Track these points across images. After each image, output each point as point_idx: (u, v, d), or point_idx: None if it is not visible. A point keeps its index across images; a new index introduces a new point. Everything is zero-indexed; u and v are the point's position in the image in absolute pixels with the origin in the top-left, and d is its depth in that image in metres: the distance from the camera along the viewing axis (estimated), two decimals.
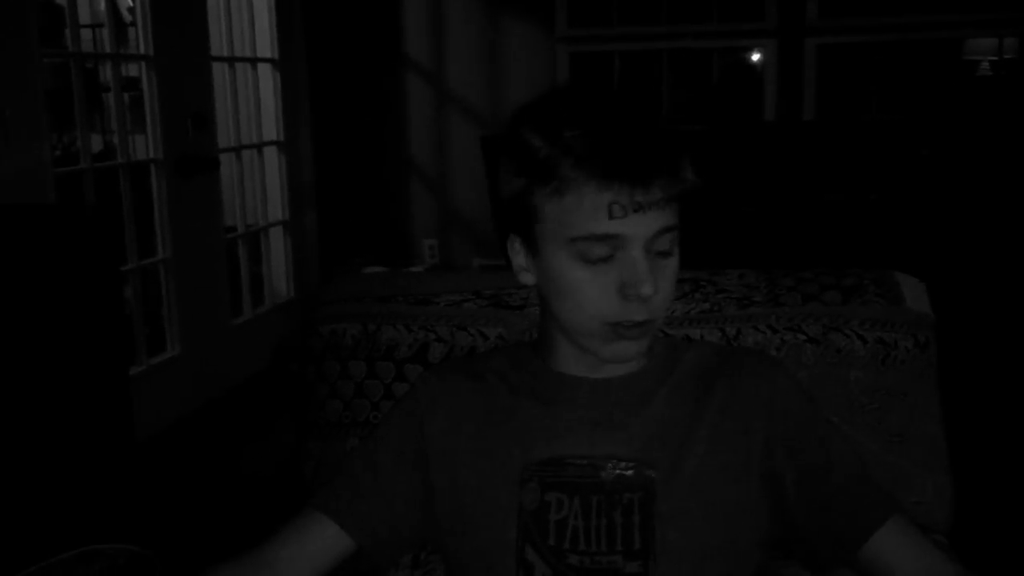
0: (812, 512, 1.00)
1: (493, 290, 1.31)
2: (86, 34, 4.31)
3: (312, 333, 1.32)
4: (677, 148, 0.95)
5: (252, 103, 4.21)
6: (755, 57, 5.15)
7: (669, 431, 1.01)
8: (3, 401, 2.14)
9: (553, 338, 1.04)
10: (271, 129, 4.33)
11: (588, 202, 0.92)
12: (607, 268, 0.94)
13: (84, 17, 4.26)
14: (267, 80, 4.30)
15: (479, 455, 1.03)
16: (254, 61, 4.22)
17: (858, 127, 4.65)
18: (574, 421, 1.02)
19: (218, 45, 3.96)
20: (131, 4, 4.10)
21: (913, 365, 1.19)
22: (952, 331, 1.50)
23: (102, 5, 4.19)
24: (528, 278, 1.02)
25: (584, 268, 0.94)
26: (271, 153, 4.37)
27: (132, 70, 4.04)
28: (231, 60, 4.04)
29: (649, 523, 0.97)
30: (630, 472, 0.99)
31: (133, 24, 3.88)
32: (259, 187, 4.31)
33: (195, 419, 3.55)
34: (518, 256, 1.02)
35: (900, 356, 1.19)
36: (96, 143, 4.27)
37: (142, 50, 3.46)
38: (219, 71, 3.97)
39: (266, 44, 4.29)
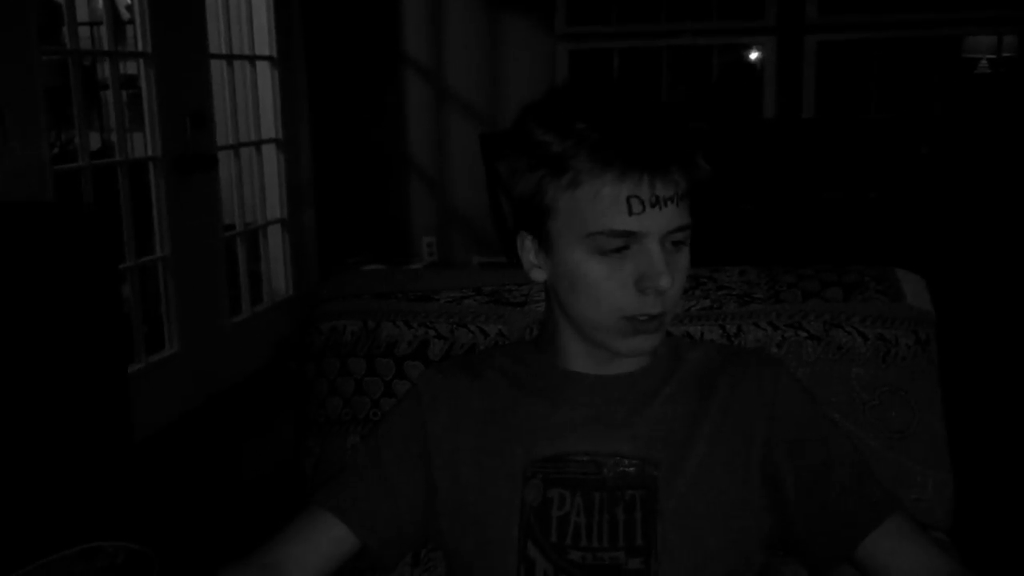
0: (811, 511, 1.00)
1: (493, 286, 1.31)
2: (84, 32, 4.31)
3: (312, 330, 1.31)
4: (690, 136, 0.95)
5: (251, 101, 4.21)
6: (754, 55, 5.14)
7: (672, 429, 1.01)
8: (2, 400, 2.14)
9: (559, 335, 1.04)
10: (270, 127, 4.33)
11: (605, 194, 0.91)
12: (622, 261, 0.94)
13: (82, 15, 4.26)
14: (266, 78, 4.30)
15: (481, 452, 1.03)
16: (253, 59, 4.22)
17: (857, 125, 4.65)
18: (577, 418, 1.02)
19: (216, 43, 3.95)
20: (129, 2, 4.09)
21: (914, 362, 1.19)
22: (952, 328, 1.50)
23: (100, 3, 4.18)
24: (539, 275, 1.01)
25: (600, 262, 0.94)
26: (270, 151, 4.37)
27: (130, 68, 4.04)
28: (230, 58, 4.04)
29: (651, 520, 0.97)
30: (632, 469, 0.98)
31: (131, 22, 3.88)
32: (258, 185, 4.31)
33: (194, 417, 3.55)
34: (528, 253, 1.01)
35: (901, 353, 1.19)
36: (94, 141, 4.26)
37: (140, 48, 3.45)
38: (217, 69, 3.97)
39: (265, 42, 4.28)
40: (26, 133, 2.83)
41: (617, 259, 0.94)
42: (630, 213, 0.91)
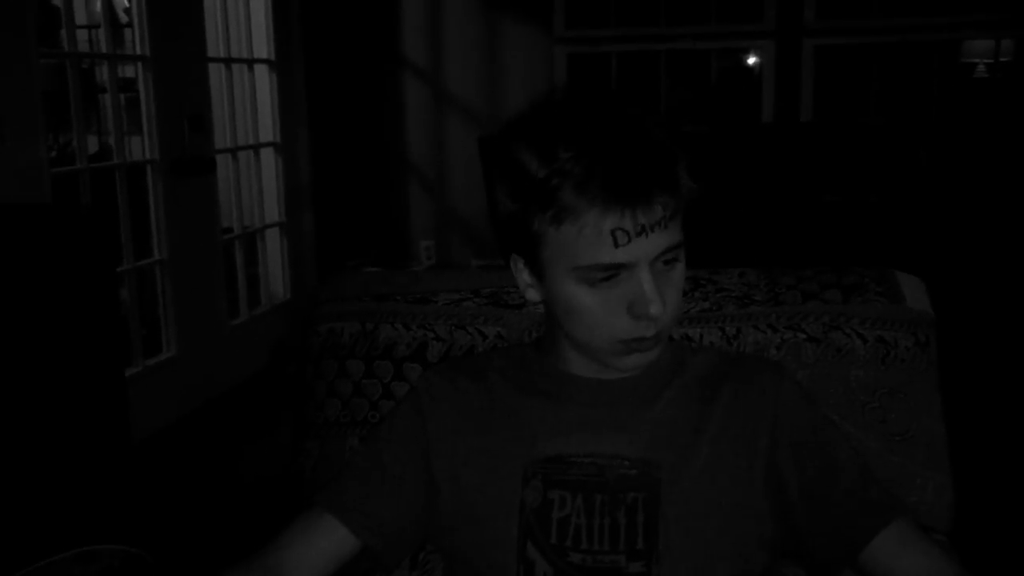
0: (814, 517, 1.00)
1: (492, 289, 1.31)
2: (82, 35, 4.30)
3: (310, 332, 1.31)
4: (674, 158, 0.94)
5: (249, 104, 4.21)
6: (752, 59, 5.15)
7: (674, 432, 1.00)
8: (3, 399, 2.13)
9: (559, 342, 1.04)
10: (268, 130, 4.33)
11: (590, 230, 0.90)
12: (613, 288, 0.93)
13: (80, 18, 4.25)
14: (264, 81, 4.30)
15: (482, 452, 1.03)
16: (251, 62, 4.22)
17: (856, 129, 4.66)
18: (578, 420, 1.02)
19: (215, 46, 3.95)
20: (127, 5, 4.09)
21: (913, 364, 1.19)
22: (952, 330, 1.50)
23: (98, 6, 4.18)
24: (534, 295, 1.02)
25: (590, 292, 0.94)
26: (268, 154, 4.37)
27: (128, 71, 4.04)
28: (228, 61, 4.04)
29: (653, 524, 0.96)
30: (634, 472, 0.98)
31: (129, 25, 3.88)
32: (256, 188, 4.31)
33: (192, 420, 3.54)
34: (522, 274, 1.01)
35: (900, 355, 1.19)
36: (92, 144, 4.25)
37: (139, 51, 3.45)
38: (216, 72, 3.97)
39: (263, 45, 4.28)
40: (24, 135, 2.83)
41: (607, 287, 0.93)
42: (616, 245, 0.90)
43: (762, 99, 4.92)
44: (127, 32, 4.20)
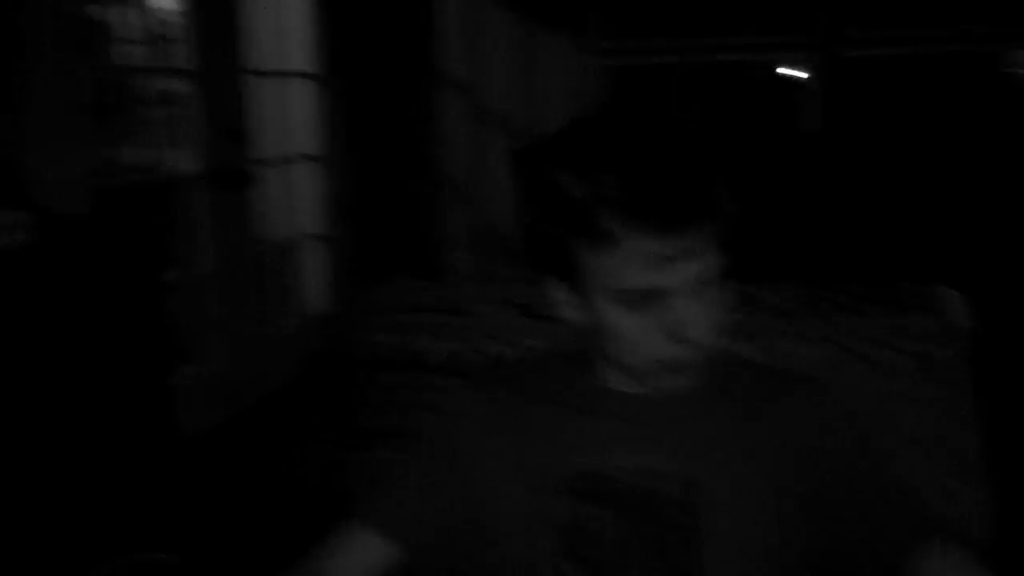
0: (855, 535, 0.99)
1: (526, 300, 1.31)
2: (128, 49, 4.38)
3: (346, 344, 1.32)
4: (714, 180, 0.92)
5: (289, 117, 4.26)
6: (793, 72, 5.12)
7: (713, 450, 0.99)
8: (46, 409, 2.17)
9: (596, 358, 1.03)
10: (308, 143, 4.37)
11: (630, 255, 0.89)
12: (653, 311, 0.92)
13: (125, 32, 4.33)
14: (305, 94, 4.34)
15: (515, 466, 1.03)
16: (292, 75, 4.27)
17: (897, 140, 4.62)
18: (615, 435, 1.01)
19: (256, 59, 4.00)
20: (173, 19, 4.16)
21: (951, 377, 1.18)
22: (994, 345, 1.48)
23: (145, 21, 4.25)
24: (570, 313, 1.00)
25: (629, 316, 0.93)
26: (307, 167, 4.41)
27: (173, 84, 4.10)
28: (269, 74, 4.09)
29: (690, 541, 0.96)
30: (672, 489, 0.97)
31: (168, 39, 3.94)
32: (294, 201, 4.35)
33: (228, 431, 3.57)
34: (558, 294, 0.99)
35: (938, 368, 1.18)
36: (137, 157, 4.33)
37: (183, 65, 3.51)
38: (257, 85, 4.02)
39: (304, 58, 4.33)
40: (70, 148, 2.88)
41: (647, 310, 0.92)
42: (657, 270, 0.89)
43: (803, 110, 4.89)
44: (170, 46, 4.27)
